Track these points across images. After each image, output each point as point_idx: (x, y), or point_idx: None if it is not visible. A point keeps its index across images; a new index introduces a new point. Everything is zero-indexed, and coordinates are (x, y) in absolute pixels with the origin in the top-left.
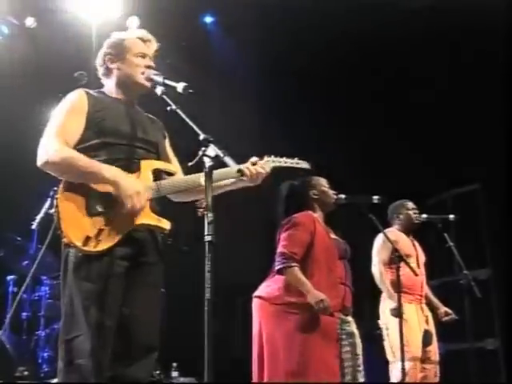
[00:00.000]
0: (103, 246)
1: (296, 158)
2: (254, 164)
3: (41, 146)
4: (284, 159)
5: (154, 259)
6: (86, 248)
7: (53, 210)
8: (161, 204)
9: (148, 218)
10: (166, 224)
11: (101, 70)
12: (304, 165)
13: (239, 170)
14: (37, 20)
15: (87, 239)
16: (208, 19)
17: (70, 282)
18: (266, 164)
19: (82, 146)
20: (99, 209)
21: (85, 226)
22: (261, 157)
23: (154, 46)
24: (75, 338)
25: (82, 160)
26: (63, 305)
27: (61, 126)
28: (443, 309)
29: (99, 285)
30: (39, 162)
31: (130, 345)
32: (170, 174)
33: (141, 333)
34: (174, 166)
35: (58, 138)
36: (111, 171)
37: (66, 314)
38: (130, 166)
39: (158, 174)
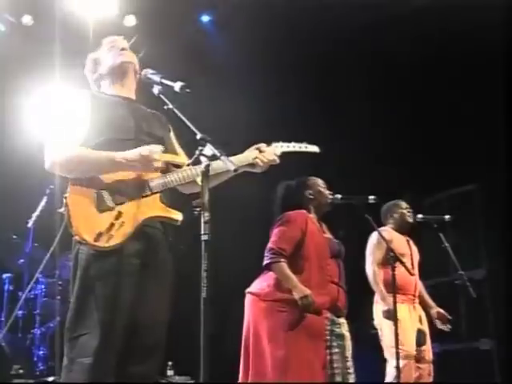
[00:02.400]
0: (115, 240)
1: (305, 142)
2: (261, 151)
3: (46, 149)
4: (292, 144)
5: (165, 256)
6: (97, 244)
7: (62, 209)
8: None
9: (159, 210)
10: (177, 215)
11: (93, 87)
12: (313, 148)
13: (254, 158)
14: (34, 18)
15: (99, 235)
16: (205, 18)
17: (80, 280)
18: (275, 150)
19: (87, 146)
20: (109, 204)
21: (95, 222)
22: (268, 143)
23: (123, 41)
24: (81, 335)
25: (89, 153)
26: (71, 302)
27: (64, 128)
28: (436, 309)
29: (109, 283)
30: (47, 165)
31: (139, 343)
32: (178, 166)
33: (150, 331)
34: (182, 157)
35: (63, 139)
36: (118, 153)
37: (74, 311)
38: None
39: (165, 167)
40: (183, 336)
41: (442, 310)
